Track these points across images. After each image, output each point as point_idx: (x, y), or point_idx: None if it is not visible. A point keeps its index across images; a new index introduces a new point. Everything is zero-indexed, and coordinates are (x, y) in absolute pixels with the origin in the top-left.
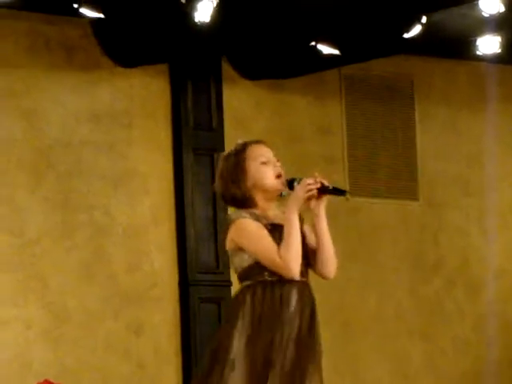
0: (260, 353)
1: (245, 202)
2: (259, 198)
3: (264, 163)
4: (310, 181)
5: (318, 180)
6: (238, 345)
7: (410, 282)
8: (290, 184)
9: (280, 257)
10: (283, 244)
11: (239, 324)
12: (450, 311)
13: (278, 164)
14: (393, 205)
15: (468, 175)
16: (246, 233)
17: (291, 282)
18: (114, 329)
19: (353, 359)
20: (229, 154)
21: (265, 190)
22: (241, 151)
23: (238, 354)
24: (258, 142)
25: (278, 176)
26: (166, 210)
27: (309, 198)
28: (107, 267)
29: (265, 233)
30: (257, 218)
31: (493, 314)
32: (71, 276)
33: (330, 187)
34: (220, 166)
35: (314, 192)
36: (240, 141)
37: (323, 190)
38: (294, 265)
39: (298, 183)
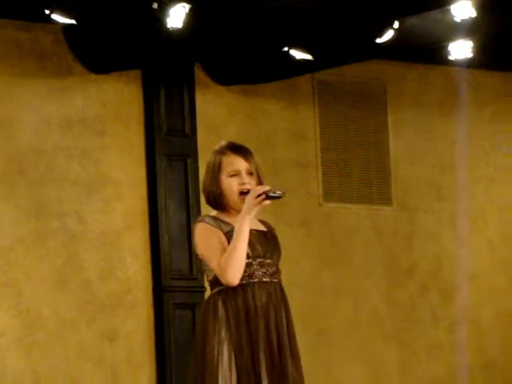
0: (246, 357)
1: (217, 205)
2: (228, 207)
3: (232, 176)
4: (258, 188)
5: (265, 188)
6: (223, 356)
7: (383, 287)
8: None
9: (220, 265)
10: (226, 252)
11: (217, 333)
12: (424, 316)
13: (247, 179)
14: (366, 210)
15: (440, 180)
16: (200, 237)
17: (262, 282)
18: (88, 336)
19: (328, 365)
20: (213, 153)
21: (228, 203)
22: (219, 154)
23: (225, 364)
24: (236, 150)
25: (241, 193)
26: (140, 216)
27: (260, 204)
28: (80, 274)
29: (215, 239)
30: (218, 225)
31: (466, 318)
32: (44, 283)
33: (271, 193)
34: (208, 161)
35: (263, 197)
36: (223, 143)
37: (267, 197)
38: (231, 273)
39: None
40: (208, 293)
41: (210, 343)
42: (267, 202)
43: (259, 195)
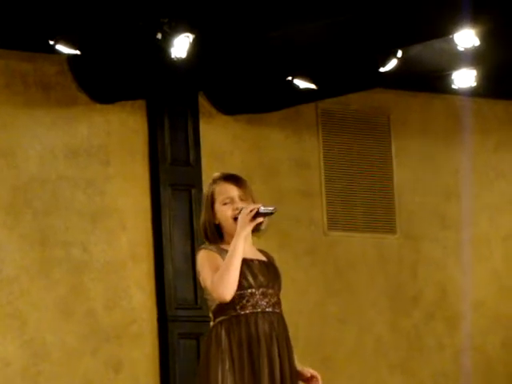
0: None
1: (215, 237)
2: (227, 236)
3: (225, 204)
4: (249, 206)
5: (257, 206)
6: None
7: (388, 316)
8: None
9: (212, 281)
10: (221, 268)
11: (220, 363)
12: (429, 344)
13: (240, 205)
14: (370, 238)
15: (445, 208)
16: (200, 263)
17: (264, 312)
18: (93, 366)
19: None
20: (207, 186)
21: (225, 230)
22: (211, 185)
23: None
24: (228, 178)
25: (235, 218)
26: (144, 245)
27: (252, 221)
28: (85, 304)
29: (212, 260)
30: (220, 252)
31: (471, 346)
32: (49, 313)
33: (262, 209)
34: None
35: (254, 213)
36: (216, 174)
37: (257, 214)
38: (223, 288)
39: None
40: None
41: (214, 373)
42: (260, 219)
43: (251, 211)
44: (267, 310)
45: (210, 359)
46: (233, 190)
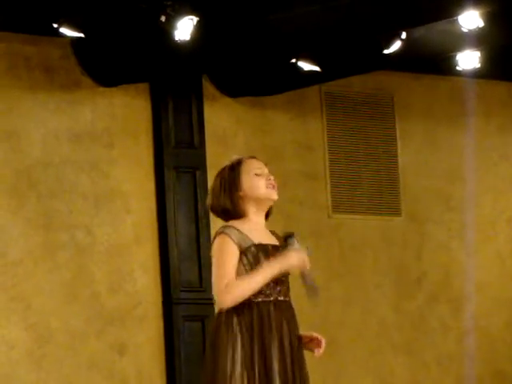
0: (258, 371)
1: (235, 213)
2: (250, 210)
3: (257, 175)
4: (308, 269)
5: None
6: (235, 369)
7: (393, 298)
8: (287, 238)
9: (225, 285)
10: (242, 280)
11: (230, 347)
12: (433, 326)
13: (272, 177)
14: (375, 221)
15: (449, 190)
16: (217, 249)
17: (276, 301)
18: (98, 349)
19: (337, 376)
20: (224, 168)
21: (256, 200)
22: (236, 165)
23: (238, 378)
24: (252, 157)
25: (271, 187)
26: (149, 228)
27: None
28: (90, 287)
29: (230, 255)
30: (239, 240)
31: (475, 328)
32: (54, 296)
33: (308, 282)
34: (214, 179)
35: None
36: (236, 156)
37: (303, 276)
38: (233, 299)
39: (297, 241)
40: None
41: (223, 357)
42: (301, 279)
43: (303, 275)
44: (279, 298)
45: (219, 343)
46: (262, 165)
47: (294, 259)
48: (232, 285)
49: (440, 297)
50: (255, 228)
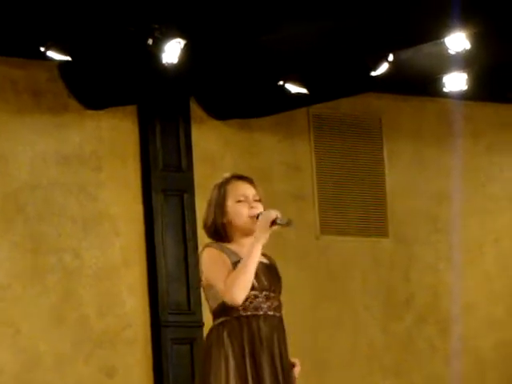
0: None
1: (221, 236)
2: (235, 235)
3: (240, 201)
4: (272, 212)
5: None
6: None
7: (381, 320)
8: (259, 215)
9: (225, 283)
10: (235, 271)
11: (223, 363)
12: (421, 348)
13: (255, 204)
14: (363, 242)
15: (436, 212)
16: (206, 261)
17: (266, 315)
18: (86, 372)
19: None
20: (216, 186)
21: (239, 227)
22: (223, 184)
23: None
24: (242, 178)
25: (251, 217)
26: (137, 251)
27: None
28: (78, 310)
29: (222, 261)
30: (226, 252)
31: (463, 349)
32: (42, 320)
33: (278, 220)
34: (209, 196)
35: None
36: (227, 174)
37: (274, 222)
38: (237, 292)
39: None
40: (206, 328)
41: (216, 373)
42: (275, 226)
43: (273, 220)
44: (269, 313)
45: (210, 360)
46: (248, 189)
47: (264, 223)
48: (230, 279)
49: (428, 318)
50: (241, 250)
